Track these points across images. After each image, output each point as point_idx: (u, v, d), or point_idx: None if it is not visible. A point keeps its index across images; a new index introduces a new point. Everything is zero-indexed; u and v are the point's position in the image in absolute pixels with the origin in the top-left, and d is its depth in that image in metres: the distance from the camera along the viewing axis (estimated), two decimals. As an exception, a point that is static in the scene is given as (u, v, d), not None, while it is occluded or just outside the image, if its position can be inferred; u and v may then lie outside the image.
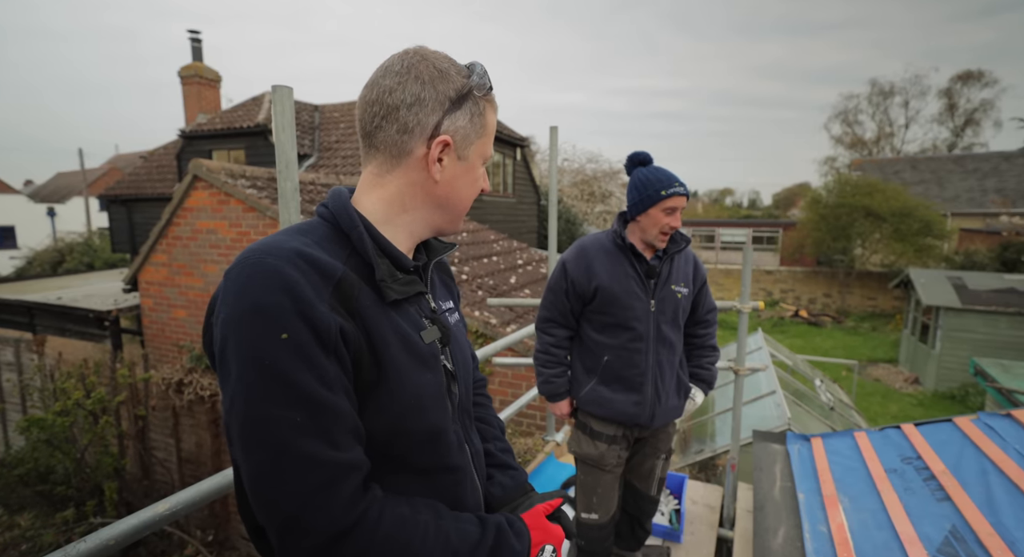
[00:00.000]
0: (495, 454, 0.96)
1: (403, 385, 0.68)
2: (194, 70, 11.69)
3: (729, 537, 2.49)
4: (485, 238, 7.40)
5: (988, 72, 29.54)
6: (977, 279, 10.46)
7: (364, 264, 0.69)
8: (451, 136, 0.73)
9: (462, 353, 0.85)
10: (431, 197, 0.76)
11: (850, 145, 31.87)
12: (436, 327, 0.77)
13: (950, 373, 9.64)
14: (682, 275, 1.82)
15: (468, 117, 0.74)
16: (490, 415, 1.03)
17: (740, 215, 33.43)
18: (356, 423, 0.64)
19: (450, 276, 0.98)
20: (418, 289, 0.75)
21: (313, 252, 0.64)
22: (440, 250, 0.86)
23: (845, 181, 16.81)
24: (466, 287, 5.25)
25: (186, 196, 5.57)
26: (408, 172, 0.74)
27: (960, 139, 29.88)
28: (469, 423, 0.87)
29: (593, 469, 1.86)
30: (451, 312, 0.88)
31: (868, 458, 2.14)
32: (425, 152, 0.73)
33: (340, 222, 0.71)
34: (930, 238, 14.50)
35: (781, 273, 17.73)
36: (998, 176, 19.04)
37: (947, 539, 1.59)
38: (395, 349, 0.68)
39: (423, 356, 0.72)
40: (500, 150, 11.01)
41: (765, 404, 4.27)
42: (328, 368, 0.60)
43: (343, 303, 0.63)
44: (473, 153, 0.76)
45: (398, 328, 0.69)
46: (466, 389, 0.85)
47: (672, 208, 1.68)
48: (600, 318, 1.77)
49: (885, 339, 13.50)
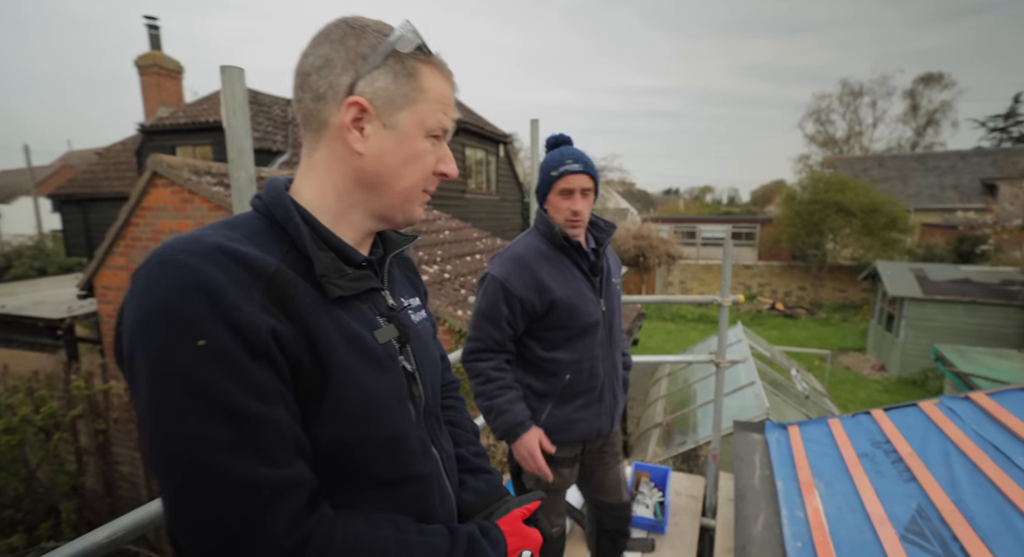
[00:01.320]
0: (468, 458, 0.91)
1: (353, 390, 0.62)
2: (152, 59, 10.55)
3: (711, 526, 2.58)
4: (468, 236, 7.41)
5: (947, 74, 30.67)
6: (937, 271, 10.96)
7: (304, 259, 0.62)
8: (368, 99, 0.64)
9: (427, 353, 0.79)
10: (359, 175, 0.66)
11: (823, 143, 32.72)
12: (393, 325, 0.70)
13: (912, 359, 10.10)
14: (614, 265, 1.69)
15: (391, 77, 0.64)
16: (463, 418, 0.98)
17: (720, 211, 34.05)
18: (297, 435, 0.57)
19: (414, 271, 0.92)
20: (370, 285, 0.68)
21: (238, 247, 0.57)
22: (399, 243, 0.79)
23: (818, 178, 17.33)
24: (448, 286, 5.26)
25: (145, 194, 5.22)
26: (330, 146, 0.66)
27: (922, 138, 31.01)
28: (438, 427, 0.81)
29: (551, 494, 1.68)
30: (415, 310, 0.82)
31: (841, 444, 2.25)
32: (341, 120, 0.64)
33: (275, 214, 0.64)
34: (895, 232, 15.08)
35: (759, 267, 18.16)
36: (955, 173, 19.87)
37: (913, 518, 1.68)
38: (342, 351, 0.61)
39: (376, 357, 0.65)
40: (483, 147, 10.98)
41: (745, 395, 4.41)
42: (258, 376, 0.54)
43: (278, 303, 0.57)
44: (405, 121, 0.66)
45: (346, 328, 0.63)
46: (433, 391, 0.79)
47: (567, 189, 1.46)
48: (555, 334, 1.53)
49: (854, 329, 13.98)
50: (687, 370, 6.13)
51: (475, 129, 10.29)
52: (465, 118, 10.02)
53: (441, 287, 5.18)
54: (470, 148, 10.49)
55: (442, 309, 4.65)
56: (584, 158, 1.47)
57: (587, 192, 1.48)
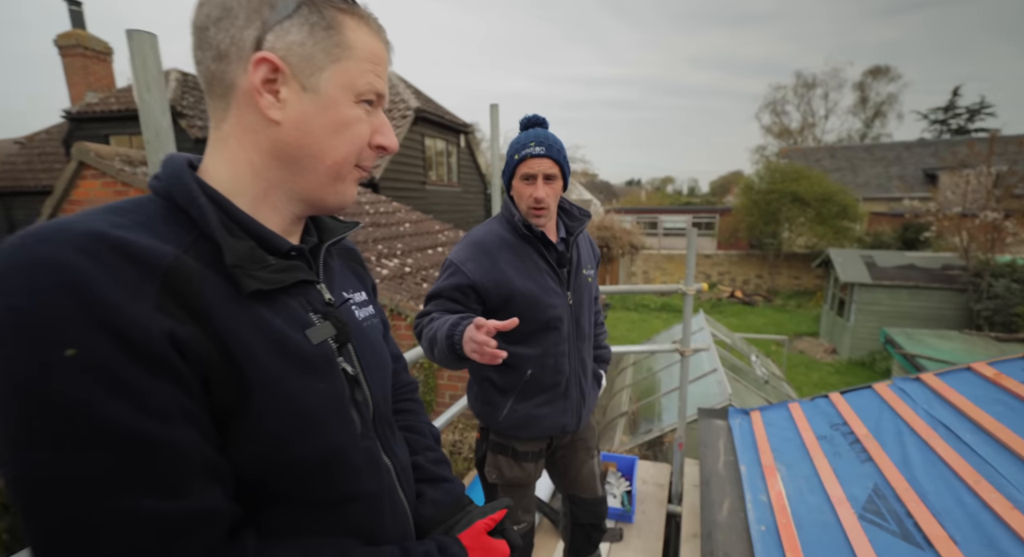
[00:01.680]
0: (426, 467, 0.83)
1: (280, 400, 0.54)
2: (75, 39, 9.58)
3: (678, 512, 2.60)
4: (430, 228, 7.27)
5: (894, 68, 32.19)
6: (884, 257, 11.49)
7: (216, 248, 0.53)
8: (281, 56, 0.54)
9: (374, 353, 0.71)
10: (277, 148, 0.57)
11: (778, 134, 33.87)
12: (329, 323, 0.61)
13: (862, 342, 10.60)
14: (587, 257, 1.60)
15: (306, 30, 0.55)
16: (420, 423, 0.90)
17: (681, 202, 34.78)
18: (210, 458, 0.49)
19: (360, 262, 0.82)
20: (299, 277, 0.59)
21: (123, 235, 0.47)
22: (337, 230, 0.70)
23: (774, 169, 17.87)
24: (410, 280, 5.14)
25: (72, 187, 4.80)
26: (240, 115, 0.56)
27: (870, 130, 32.55)
28: (391, 434, 0.73)
29: (516, 489, 1.62)
30: (360, 305, 0.73)
31: (801, 427, 2.29)
32: (250, 82, 0.54)
33: (174, 195, 0.54)
34: (846, 221, 15.74)
35: (718, 257, 18.66)
36: (900, 164, 20.90)
37: (870, 497, 1.72)
38: (265, 355, 0.53)
39: (308, 360, 0.57)
40: (443, 137, 10.79)
41: (708, 382, 4.50)
42: (152, 391, 0.44)
43: (179, 300, 0.48)
44: (328, 83, 0.56)
45: (268, 327, 0.54)
46: (383, 395, 0.71)
47: (528, 174, 1.37)
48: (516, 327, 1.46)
49: (808, 314, 14.58)
50: (651, 359, 6.22)
51: (435, 119, 10.10)
52: (424, 107, 9.80)
53: (402, 281, 5.06)
54: (430, 138, 10.30)
55: (403, 304, 4.54)
56: (550, 141, 1.38)
57: (551, 178, 1.39)
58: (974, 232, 10.34)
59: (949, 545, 1.39)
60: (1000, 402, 1.87)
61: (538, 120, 1.46)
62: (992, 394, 1.94)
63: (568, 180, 1.47)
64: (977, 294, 9.85)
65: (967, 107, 29.80)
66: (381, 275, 4.88)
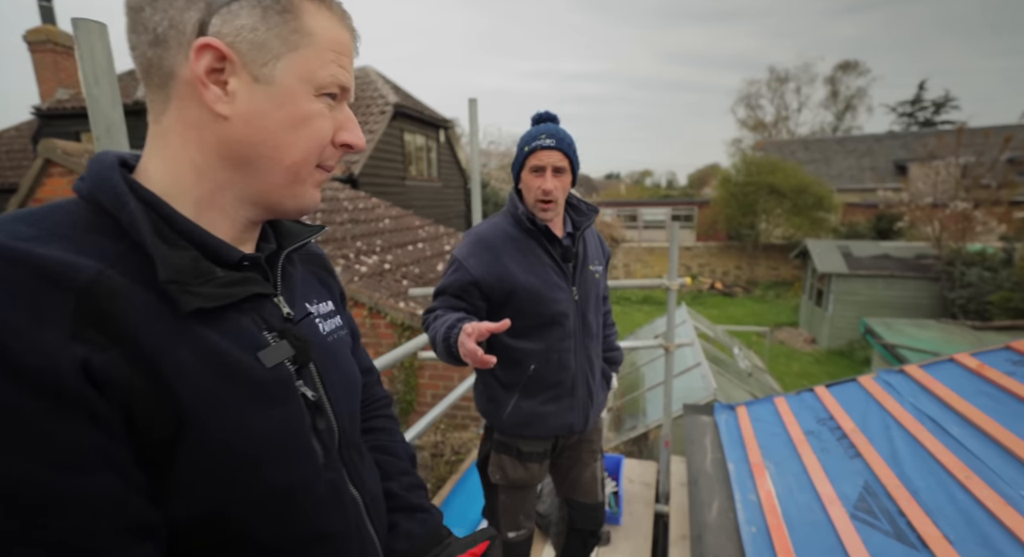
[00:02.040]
0: (400, 494, 0.76)
1: (227, 433, 0.47)
2: (45, 35, 9.30)
3: (665, 512, 2.56)
4: (409, 224, 7.14)
5: (863, 62, 32.93)
6: (860, 247, 11.72)
7: (150, 261, 0.47)
8: (229, 42, 0.48)
9: (341, 372, 0.65)
10: (225, 147, 0.51)
11: (753, 127, 34.33)
12: (287, 342, 0.55)
13: (840, 332, 10.79)
14: (594, 252, 1.59)
15: (259, 13, 0.49)
16: (393, 443, 0.82)
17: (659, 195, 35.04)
18: (136, 509, 0.43)
19: (327, 269, 0.75)
20: (251, 290, 0.53)
21: (30, 248, 0.41)
22: (299, 234, 0.63)
23: (750, 161, 18.13)
24: (389, 277, 5.02)
25: (38, 185, 4.66)
26: (182, 108, 0.50)
27: (841, 123, 33.22)
28: (359, 461, 0.66)
29: (519, 491, 1.59)
30: (326, 317, 0.67)
31: (788, 422, 2.26)
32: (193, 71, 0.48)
33: (101, 198, 0.47)
34: (822, 212, 16.05)
35: (698, 248, 18.85)
36: (871, 156, 21.37)
37: (861, 495, 1.69)
38: (207, 382, 0.47)
39: (260, 386, 0.51)
40: (423, 132, 10.65)
41: (692, 376, 4.49)
42: (62, 434, 0.38)
43: (99, 323, 0.41)
44: (284, 73, 0.50)
45: (211, 350, 0.48)
46: (350, 418, 0.65)
47: (537, 166, 1.37)
48: (520, 322, 1.41)
49: (787, 305, 14.83)
50: (634, 353, 6.21)
51: (414, 114, 9.96)
52: (403, 103, 9.65)
53: (381, 278, 4.94)
54: (409, 134, 10.15)
55: (383, 302, 4.42)
56: (560, 135, 1.38)
57: (560, 171, 1.39)
58: (945, 222, 10.63)
59: (944, 545, 1.36)
60: (985, 394, 1.86)
61: (549, 116, 1.46)
62: (976, 386, 1.93)
63: (577, 176, 1.46)
64: (950, 283, 10.09)
65: (933, 100, 30.64)
66: (360, 273, 4.76)
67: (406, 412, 4.45)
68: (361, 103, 9.53)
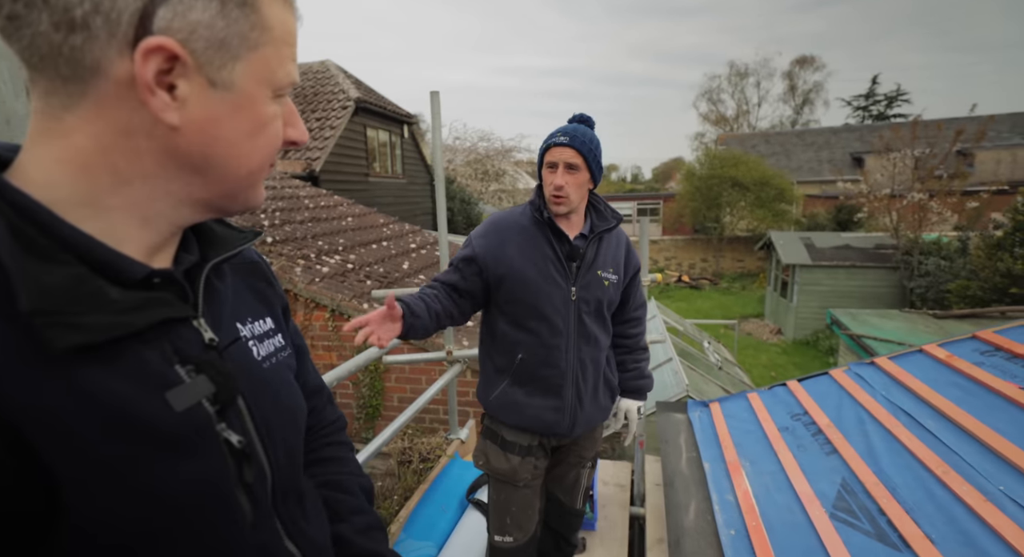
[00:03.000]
0: (353, 541, 0.66)
1: (117, 504, 0.39)
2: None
3: (641, 515, 2.49)
4: (373, 222, 6.92)
5: (819, 57, 34.03)
6: (822, 238, 12.05)
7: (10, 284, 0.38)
8: (180, 41, 0.39)
9: (278, 404, 0.55)
10: (173, 157, 0.43)
11: (715, 122, 35.10)
12: (205, 376, 0.46)
13: (805, 322, 11.07)
14: (611, 259, 1.57)
15: (216, 6, 0.40)
16: (346, 475, 0.72)
17: (625, 189, 35.49)
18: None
19: (265, 279, 0.64)
20: (161, 315, 0.44)
21: None
22: (230, 242, 0.54)
23: (714, 155, 18.49)
24: (352, 277, 4.82)
25: None
26: (107, 111, 0.40)
27: (800, 116, 34.34)
28: (298, 511, 0.57)
29: (505, 485, 1.60)
30: (262, 338, 0.57)
31: (762, 418, 2.22)
32: (131, 71, 0.38)
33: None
34: (783, 204, 16.48)
35: (664, 242, 19.12)
36: (829, 148, 22.12)
37: (840, 494, 1.64)
38: (86, 436, 0.38)
39: (167, 435, 0.42)
40: (386, 128, 10.38)
41: (664, 371, 4.47)
42: None
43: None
44: (244, 75, 0.43)
45: (95, 396, 0.39)
46: (287, 457, 0.55)
47: (551, 162, 1.43)
48: (512, 308, 1.50)
49: (753, 296, 15.18)
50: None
51: (377, 109, 9.69)
52: (365, 97, 9.37)
53: (344, 279, 4.74)
54: (372, 129, 9.88)
55: (345, 303, 4.24)
56: (577, 133, 1.43)
57: (573, 167, 1.42)
58: (902, 212, 10.96)
59: (927, 545, 1.32)
60: (955, 385, 1.85)
61: (583, 118, 1.50)
62: (946, 377, 1.92)
63: (598, 176, 1.49)
64: (909, 272, 10.42)
65: (885, 94, 31.90)
66: (322, 273, 4.55)
67: (372, 417, 4.28)
68: (322, 98, 9.21)
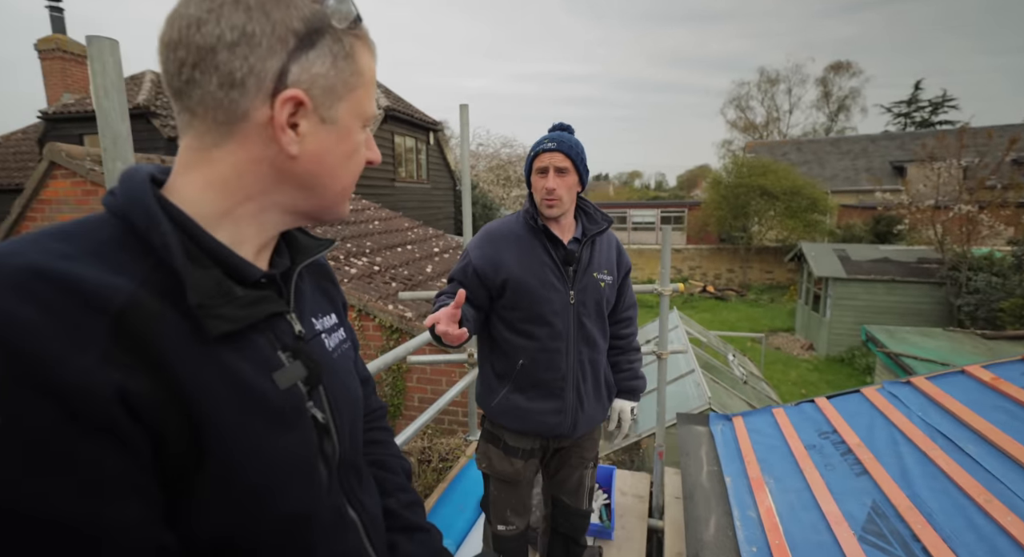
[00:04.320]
0: (399, 513, 0.76)
1: (243, 460, 0.47)
2: (55, 43, 10.07)
3: (660, 527, 2.44)
4: (399, 226, 7.01)
5: (855, 63, 32.98)
6: (858, 251, 11.54)
7: (176, 281, 0.46)
8: (305, 90, 0.50)
9: (345, 389, 0.64)
10: (289, 178, 0.53)
11: (744, 129, 34.39)
12: (300, 362, 0.55)
13: (839, 338, 10.59)
14: (604, 261, 1.61)
15: (329, 61, 0.51)
16: (390, 456, 0.82)
17: (648, 196, 35.04)
18: (154, 539, 0.42)
19: (330, 279, 0.74)
20: (271, 309, 0.53)
21: (72, 268, 0.41)
22: (312, 249, 0.64)
23: (741, 163, 18.05)
24: (379, 279, 4.89)
25: (42, 186, 4.86)
26: (247, 146, 0.50)
27: (835, 123, 33.31)
28: (358, 483, 0.66)
29: (507, 485, 1.64)
30: (331, 331, 0.66)
31: (788, 435, 2.14)
32: (269, 116, 0.49)
33: (132, 217, 0.47)
34: (816, 214, 15.96)
35: (688, 251, 18.79)
36: (867, 157, 21.37)
37: (870, 516, 1.57)
38: (227, 409, 0.46)
39: (275, 411, 0.50)
40: (412, 134, 10.57)
41: (685, 383, 4.36)
42: (93, 462, 0.38)
43: (133, 347, 0.41)
44: (345, 113, 0.54)
45: (234, 375, 0.47)
46: (352, 439, 0.64)
47: (541, 168, 1.46)
48: (512, 315, 1.52)
49: (782, 309, 14.74)
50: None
51: (404, 116, 9.90)
52: (394, 105, 9.58)
53: (371, 280, 4.81)
54: (399, 136, 10.09)
55: (371, 304, 4.30)
56: (563, 139, 1.47)
57: (563, 171, 1.46)
58: (948, 225, 10.28)
59: (965, 577, 1.24)
60: (1001, 409, 1.75)
61: (563, 126, 1.56)
62: (990, 400, 1.82)
63: (585, 179, 1.54)
64: (956, 288, 9.78)
65: (930, 100, 30.59)
66: (350, 274, 4.64)
67: (393, 416, 4.32)
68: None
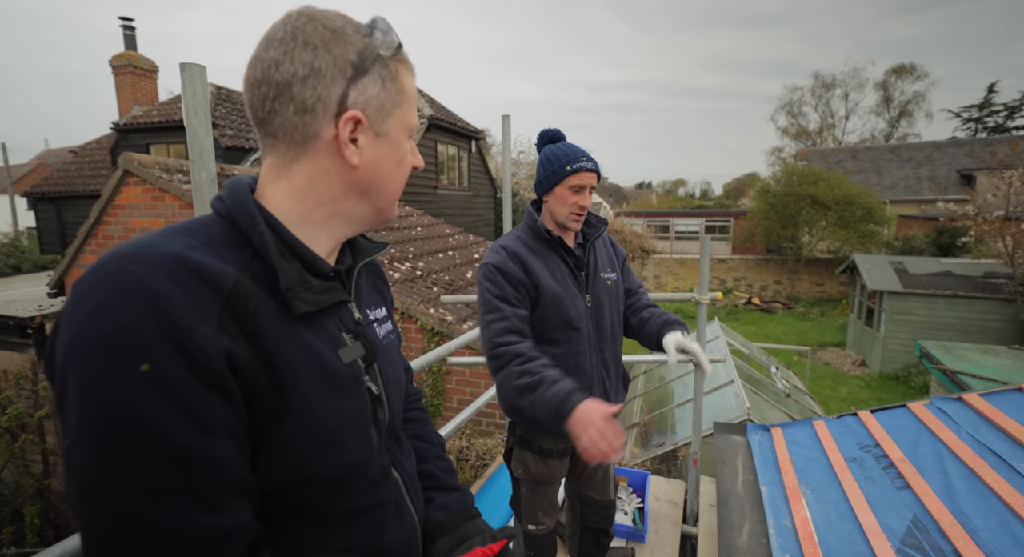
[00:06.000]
0: (437, 475, 0.88)
1: (313, 419, 0.57)
2: (127, 59, 10.99)
3: (693, 533, 2.43)
4: (440, 232, 7.20)
5: (919, 66, 31.22)
6: (916, 264, 10.92)
7: (268, 270, 0.58)
8: (362, 110, 0.61)
9: (392, 370, 0.76)
10: (351, 185, 0.64)
11: (795, 136, 33.16)
12: (360, 343, 0.66)
13: (894, 355, 10.03)
14: (607, 260, 1.70)
15: (379, 84, 0.62)
16: (428, 432, 0.94)
17: (693, 205, 34.28)
18: (242, 474, 0.52)
19: (383, 279, 0.88)
20: (337, 297, 0.64)
21: (198, 257, 0.52)
22: (370, 250, 0.76)
23: (792, 171, 17.39)
24: (420, 283, 5.06)
25: (116, 193, 5.27)
26: (318, 160, 0.62)
27: (896, 130, 31.59)
28: (399, 449, 0.78)
29: (539, 486, 1.69)
30: (381, 322, 0.78)
31: (828, 447, 2.11)
32: (334, 134, 0.61)
33: (237, 218, 0.59)
34: (872, 225, 15.17)
35: (733, 261, 18.26)
36: (931, 165, 20.16)
37: (910, 529, 1.54)
38: (304, 375, 0.57)
39: (341, 381, 0.61)
40: (455, 143, 10.81)
41: (724, 394, 4.28)
42: (207, 407, 0.49)
43: (236, 321, 0.52)
44: (393, 126, 0.65)
45: (309, 348, 0.59)
46: (396, 411, 0.76)
47: (579, 186, 1.52)
48: (540, 326, 1.54)
49: (833, 323, 14.08)
50: (663, 368, 6.02)
51: (447, 125, 10.14)
52: (437, 114, 9.85)
53: (413, 285, 4.98)
54: (442, 144, 10.33)
55: (414, 307, 4.45)
56: (591, 157, 1.55)
57: (592, 189, 1.56)
58: (1020, 237, 9.57)
59: (1006, 593, 1.22)
60: (1057, 427, 1.67)
61: (561, 135, 1.61)
62: (1047, 417, 1.75)
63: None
64: (1028, 305, 9.04)
65: (1005, 104, 28.38)
66: (393, 278, 4.83)
67: (433, 416, 4.45)
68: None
